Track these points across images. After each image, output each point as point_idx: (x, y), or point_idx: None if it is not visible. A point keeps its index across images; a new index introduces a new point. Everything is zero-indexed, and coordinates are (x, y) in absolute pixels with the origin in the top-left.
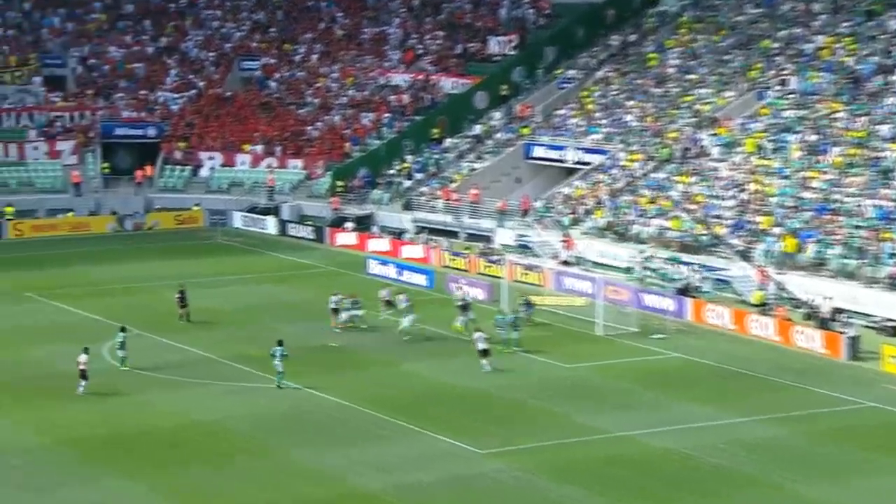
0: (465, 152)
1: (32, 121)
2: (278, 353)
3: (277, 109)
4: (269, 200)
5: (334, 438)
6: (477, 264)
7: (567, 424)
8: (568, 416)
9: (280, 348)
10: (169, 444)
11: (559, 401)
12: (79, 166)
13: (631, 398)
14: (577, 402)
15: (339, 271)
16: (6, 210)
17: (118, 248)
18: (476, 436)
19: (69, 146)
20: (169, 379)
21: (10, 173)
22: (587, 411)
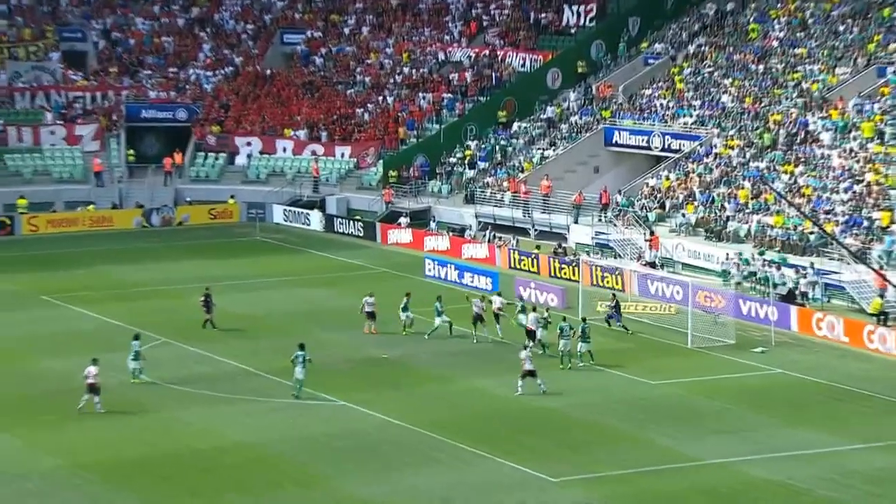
0: (535, 138)
1: (49, 102)
2: (301, 358)
3: (323, 89)
4: (313, 192)
5: (387, 463)
6: (549, 266)
7: (652, 450)
8: (653, 440)
9: (302, 353)
10: (203, 469)
11: (643, 423)
12: (100, 153)
13: (726, 421)
14: (664, 424)
15: (392, 273)
16: (19, 202)
17: (144, 246)
18: (547, 461)
19: (90, 131)
20: (201, 394)
21: (24, 161)
22: (675, 435)
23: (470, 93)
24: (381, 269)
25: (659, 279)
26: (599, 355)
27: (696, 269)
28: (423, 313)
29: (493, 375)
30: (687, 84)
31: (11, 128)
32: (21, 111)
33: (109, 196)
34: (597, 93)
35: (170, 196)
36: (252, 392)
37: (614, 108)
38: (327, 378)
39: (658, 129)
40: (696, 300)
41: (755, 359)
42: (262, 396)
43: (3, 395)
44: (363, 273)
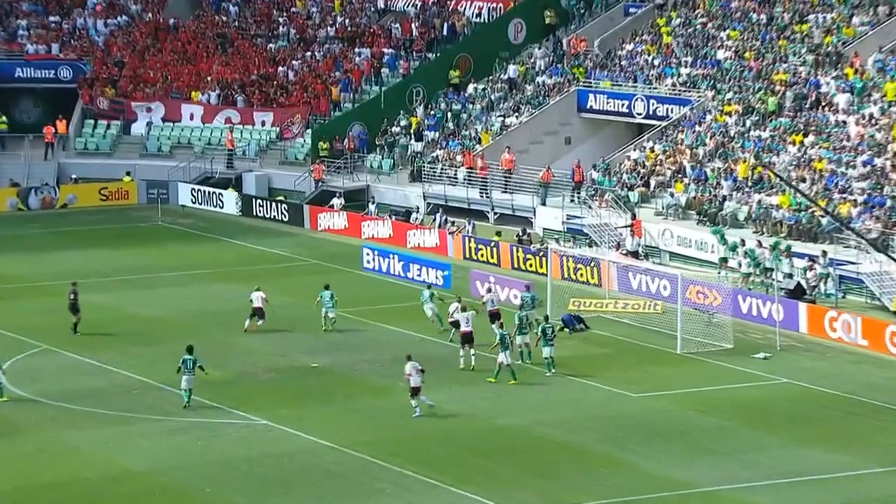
0: (495, 103)
1: None
2: (189, 363)
3: (239, 43)
4: (227, 168)
5: (318, 494)
6: (511, 256)
7: (635, 475)
8: (635, 463)
9: (190, 357)
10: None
11: (623, 443)
12: None
13: (723, 440)
14: (648, 444)
15: (324, 265)
16: None
17: (20, 234)
18: (510, 490)
19: None
20: (90, 412)
21: None
22: (662, 458)
23: (416, 48)
24: (310, 260)
25: (643, 272)
26: (571, 362)
27: (687, 260)
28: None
29: (444, 387)
30: (676, 38)
31: None
32: None
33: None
34: (568, 48)
35: (51, 173)
36: (151, 409)
37: (589, 67)
38: (245, 391)
39: (641, 93)
40: (686, 297)
41: (757, 366)
42: (162, 415)
43: None
44: (289, 265)
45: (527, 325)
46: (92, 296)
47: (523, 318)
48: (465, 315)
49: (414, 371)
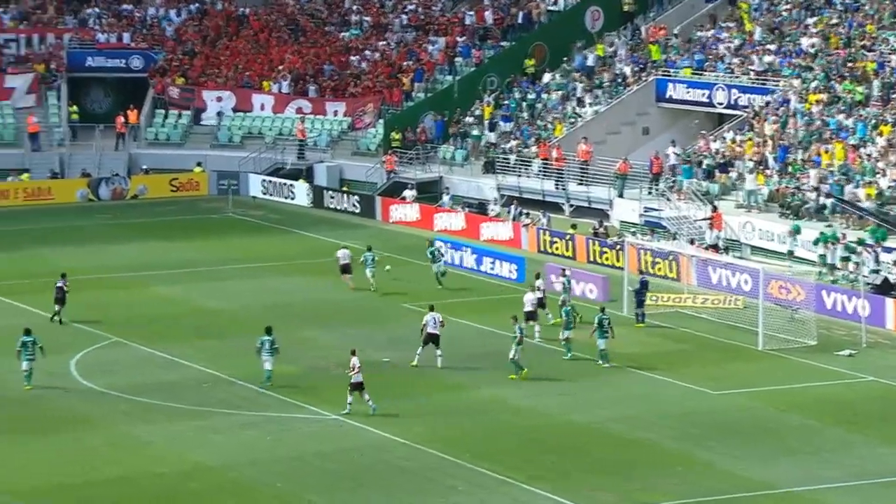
0: (571, 93)
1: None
2: (268, 344)
3: (311, 32)
4: (298, 159)
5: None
6: (587, 249)
7: (712, 474)
8: (713, 462)
9: (268, 338)
10: (161, 498)
11: (701, 441)
12: (37, 110)
13: (805, 439)
14: (727, 443)
15: (396, 257)
16: None
17: (90, 225)
18: (583, 488)
19: (23, 82)
20: (161, 405)
21: None
22: (741, 456)
23: (491, 37)
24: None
25: (723, 266)
26: (647, 358)
27: (769, 254)
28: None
29: (518, 384)
30: (758, 24)
31: None
32: None
33: (48, 163)
34: (647, 36)
35: (122, 163)
36: (222, 403)
37: (668, 56)
38: (315, 386)
39: (722, 81)
40: (768, 292)
41: (841, 363)
42: (233, 408)
43: None
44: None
45: (573, 319)
46: (162, 288)
47: (570, 313)
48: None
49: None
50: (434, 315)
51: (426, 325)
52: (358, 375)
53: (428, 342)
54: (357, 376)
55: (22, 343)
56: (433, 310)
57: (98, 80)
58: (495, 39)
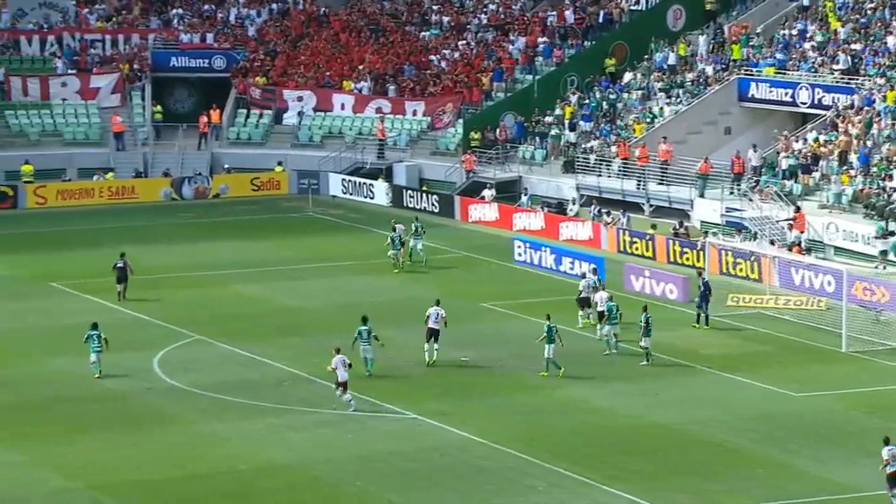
0: (652, 92)
1: (61, 47)
2: (365, 333)
3: (391, 32)
4: (377, 159)
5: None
6: (667, 250)
7: (795, 477)
8: (795, 465)
9: (365, 327)
10: (239, 495)
11: (783, 443)
12: (121, 110)
13: None
14: (810, 445)
15: (474, 257)
16: (24, 169)
17: (173, 223)
18: (663, 490)
19: (108, 82)
20: (240, 403)
21: (29, 119)
22: (824, 459)
23: (571, 36)
24: (460, 251)
25: (805, 267)
26: (728, 359)
27: (853, 255)
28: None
29: (596, 384)
30: (844, 22)
31: (15, 79)
32: (27, 59)
33: (132, 162)
34: (729, 35)
35: (205, 162)
36: (301, 402)
37: (751, 55)
38: (393, 385)
39: (806, 80)
40: (852, 293)
41: None
42: (312, 407)
43: (3, 402)
44: (438, 257)
45: (617, 315)
46: (244, 287)
47: (612, 309)
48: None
49: (341, 364)
50: (438, 310)
51: (428, 318)
52: (343, 373)
53: (431, 337)
54: (342, 374)
55: (87, 336)
56: (438, 304)
57: (181, 80)
58: (576, 39)
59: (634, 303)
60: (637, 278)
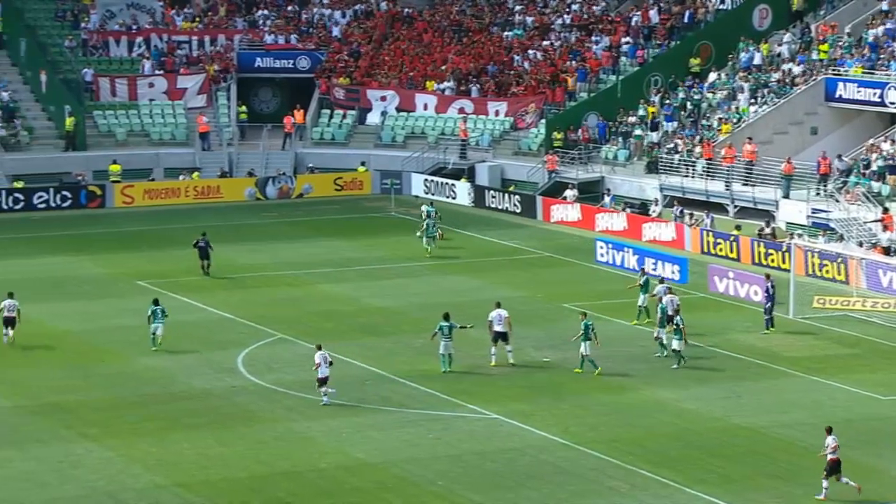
0: (736, 92)
1: (148, 48)
2: (446, 329)
3: (474, 33)
4: (460, 159)
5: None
6: (752, 251)
7: (882, 481)
8: (886, 470)
9: (446, 323)
10: (323, 493)
11: (871, 447)
12: (207, 110)
13: None
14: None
15: (556, 257)
16: (112, 169)
17: (258, 223)
18: (749, 493)
19: (195, 83)
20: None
21: (117, 119)
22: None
23: (656, 36)
24: (542, 252)
25: (894, 269)
26: (814, 361)
27: None
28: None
29: (680, 386)
30: None
31: (103, 79)
32: (115, 59)
33: (217, 162)
34: (816, 34)
35: (289, 162)
36: (384, 401)
37: (839, 54)
38: (476, 385)
39: (895, 81)
40: None
41: None
42: (394, 406)
43: (94, 400)
44: (520, 257)
45: (665, 319)
46: (327, 286)
47: (665, 311)
48: (498, 313)
49: (323, 361)
50: (500, 312)
51: (492, 322)
52: (325, 370)
53: (497, 340)
54: (324, 370)
55: (151, 312)
56: (500, 306)
57: (266, 81)
58: (661, 38)
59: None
60: (721, 280)
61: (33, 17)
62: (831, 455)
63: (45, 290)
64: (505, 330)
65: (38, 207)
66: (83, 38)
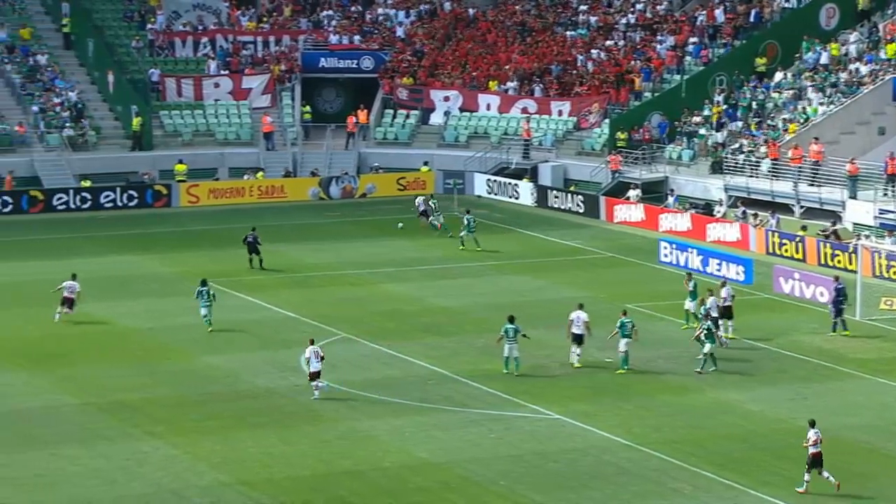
0: (803, 91)
1: (214, 49)
2: (512, 332)
3: (538, 33)
4: (523, 159)
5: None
6: (818, 252)
7: None
8: None
9: (512, 326)
10: (386, 492)
11: None
12: (271, 110)
13: None
14: None
15: (619, 258)
16: (177, 168)
17: (321, 223)
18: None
19: (259, 83)
20: (387, 401)
21: (183, 119)
22: None
23: (721, 35)
24: (605, 252)
25: None
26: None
27: None
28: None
29: (745, 387)
30: None
31: (170, 79)
32: (181, 60)
33: (281, 161)
34: (884, 33)
35: (352, 162)
36: (446, 400)
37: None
38: (538, 385)
39: None
40: None
41: None
42: (457, 405)
43: (160, 397)
44: (583, 258)
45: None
46: (390, 286)
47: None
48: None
49: (314, 356)
50: (580, 314)
51: (571, 322)
52: (316, 364)
53: (575, 341)
54: (315, 365)
55: (198, 293)
56: (581, 308)
57: (330, 81)
58: (726, 37)
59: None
60: (786, 281)
61: (101, 18)
62: (813, 449)
63: (111, 289)
64: (582, 332)
65: (105, 207)
66: (150, 39)
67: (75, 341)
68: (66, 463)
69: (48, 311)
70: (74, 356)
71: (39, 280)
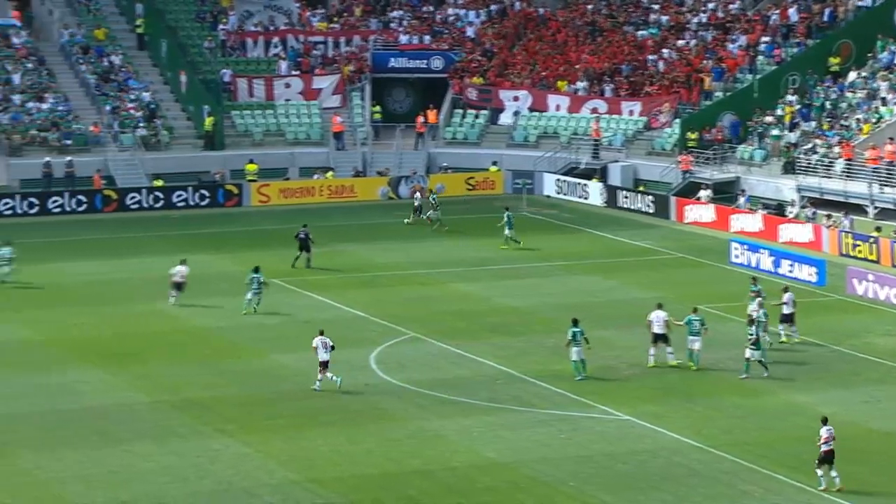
0: (877, 91)
1: (285, 49)
2: (578, 335)
3: (608, 32)
4: (592, 159)
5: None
6: (891, 253)
7: None
8: None
9: (577, 329)
10: (455, 491)
11: None
12: (342, 110)
13: None
14: None
15: (689, 258)
16: (248, 168)
17: (390, 222)
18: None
19: (330, 83)
20: (455, 401)
21: (254, 119)
22: None
23: (795, 34)
24: (675, 253)
25: None
26: None
27: None
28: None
29: (817, 389)
30: None
31: (241, 80)
32: (252, 60)
33: (351, 161)
34: None
35: (421, 162)
36: (514, 400)
37: None
38: (607, 386)
39: None
40: None
41: None
42: (525, 406)
43: (230, 396)
44: (653, 258)
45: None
46: (460, 285)
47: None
48: (657, 314)
49: (321, 346)
50: (660, 313)
51: (651, 322)
52: (324, 354)
53: (656, 341)
54: (323, 355)
55: (250, 279)
56: (661, 307)
57: (400, 81)
58: (800, 36)
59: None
60: (860, 282)
61: (174, 19)
62: (825, 446)
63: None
64: (664, 332)
65: (178, 206)
66: (222, 39)
67: (148, 340)
68: (139, 460)
69: (122, 310)
70: (147, 354)
71: (113, 279)
